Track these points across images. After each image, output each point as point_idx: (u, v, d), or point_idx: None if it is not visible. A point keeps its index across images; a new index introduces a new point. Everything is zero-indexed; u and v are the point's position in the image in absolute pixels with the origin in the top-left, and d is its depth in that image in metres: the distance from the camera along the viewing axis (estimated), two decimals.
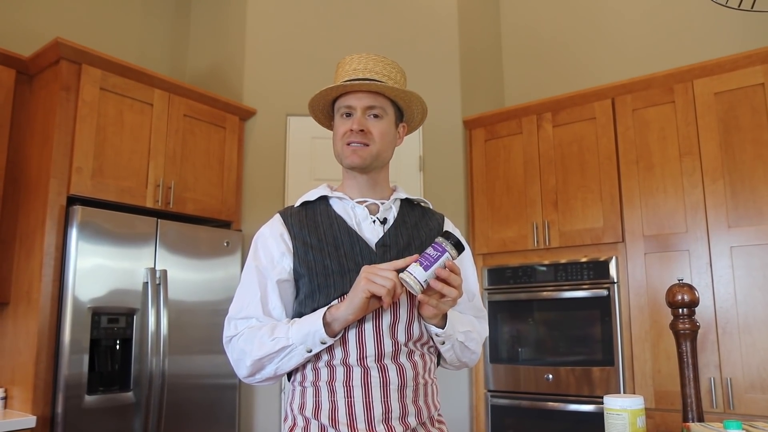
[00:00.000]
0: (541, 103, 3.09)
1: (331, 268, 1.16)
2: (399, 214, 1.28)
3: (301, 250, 1.19)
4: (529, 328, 2.98)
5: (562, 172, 3.00)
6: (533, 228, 3.03)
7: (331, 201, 1.28)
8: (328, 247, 1.19)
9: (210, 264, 2.84)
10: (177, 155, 2.86)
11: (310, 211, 1.26)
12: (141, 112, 2.74)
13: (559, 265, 2.92)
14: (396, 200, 1.30)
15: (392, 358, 1.14)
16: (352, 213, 1.25)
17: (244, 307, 1.18)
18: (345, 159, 1.23)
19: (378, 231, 1.23)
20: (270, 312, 1.17)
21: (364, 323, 1.13)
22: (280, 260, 1.20)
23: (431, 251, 1.07)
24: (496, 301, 3.10)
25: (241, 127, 3.20)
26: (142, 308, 2.53)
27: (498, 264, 3.13)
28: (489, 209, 3.21)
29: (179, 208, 2.82)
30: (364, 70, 1.24)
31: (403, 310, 1.17)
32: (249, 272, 1.21)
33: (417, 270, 1.06)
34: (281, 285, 1.19)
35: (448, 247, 1.07)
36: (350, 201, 1.26)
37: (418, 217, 1.31)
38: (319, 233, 1.21)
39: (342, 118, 1.25)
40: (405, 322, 1.17)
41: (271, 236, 1.22)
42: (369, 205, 1.27)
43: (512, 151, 3.19)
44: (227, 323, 1.20)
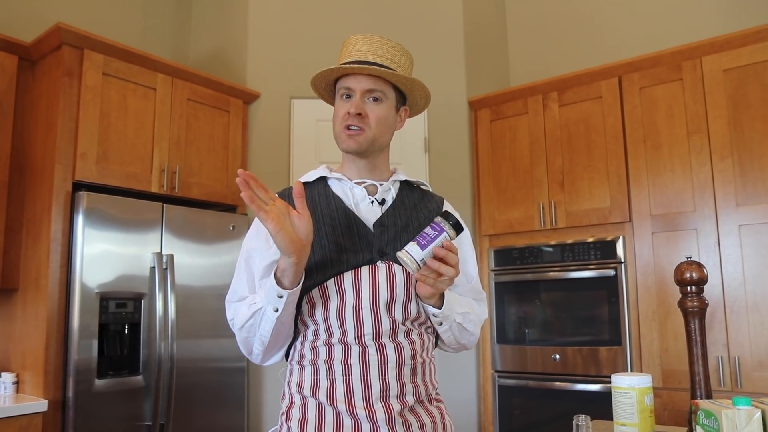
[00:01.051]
0: (547, 82, 3.07)
1: (328, 247, 1.16)
2: (398, 196, 1.28)
3: None
4: (536, 308, 2.98)
5: (569, 151, 2.98)
6: (540, 208, 3.02)
7: (330, 182, 1.28)
8: (325, 226, 1.18)
9: (216, 248, 2.85)
10: (181, 140, 2.86)
11: (307, 191, 1.25)
12: (144, 97, 2.74)
13: (566, 245, 2.92)
14: (395, 182, 1.30)
15: (390, 337, 1.14)
16: (350, 193, 1.25)
17: (237, 290, 1.19)
18: (341, 143, 1.23)
19: (376, 211, 1.23)
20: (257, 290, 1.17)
21: (361, 301, 1.13)
22: None
23: (429, 230, 1.07)
24: (503, 282, 3.10)
25: (245, 110, 3.19)
26: (150, 293, 2.54)
27: (504, 245, 3.13)
28: (495, 190, 3.20)
29: (184, 193, 2.83)
30: (367, 53, 1.22)
31: (400, 288, 1.17)
32: (241, 256, 1.22)
33: (414, 249, 1.06)
34: (274, 266, 1.17)
35: (446, 227, 1.07)
36: (348, 182, 1.25)
37: (417, 199, 1.31)
38: (316, 213, 1.20)
39: (342, 99, 1.24)
40: (402, 301, 1.17)
41: None
42: (367, 186, 1.26)
43: (518, 131, 3.18)
44: (226, 307, 1.22)
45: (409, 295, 1.18)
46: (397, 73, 1.22)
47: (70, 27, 2.49)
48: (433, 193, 1.37)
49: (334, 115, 1.26)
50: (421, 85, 1.26)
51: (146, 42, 3.44)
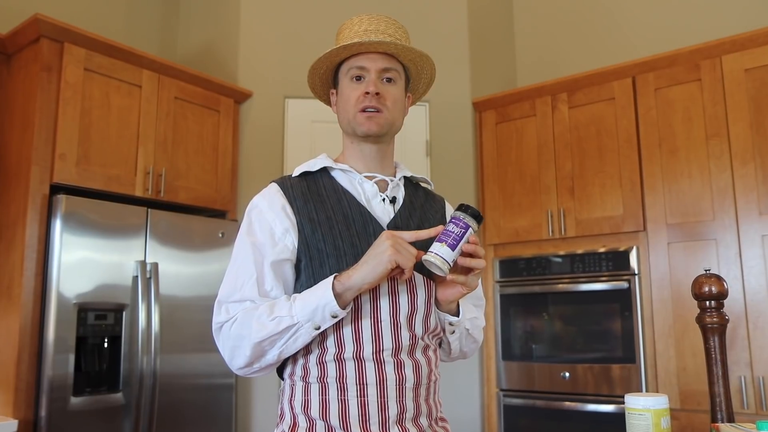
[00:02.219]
0: (556, 82, 3.05)
1: (343, 249, 1.12)
2: (406, 194, 1.27)
3: (307, 228, 1.15)
4: (544, 323, 2.96)
5: (579, 156, 2.96)
6: (548, 216, 3.00)
7: (335, 173, 1.24)
8: (339, 225, 1.15)
9: (204, 256, 2.83)
10: (168, 140, 2.83)
11: (311, 183, 1.22)
12: (129, 95, 2.71)
13: (576, 255, 2.89)
14: (402, 178, 1.28)
15: (409, 353, 1.12)
16: (360, 189, 1.22)
17: (238, 289, 1.13)
18: (359, 126, 1.19)
19: (388, 211, 1.21)
20: (267, 294, 1.12)
21: (380, 313, 1.11)
22: (283, 237, 1.15)
23: (454, 228, 1.06)
24: (509, 295, 3.07)
25: (236, 110, 3.17)
26: (132, 304, 2.51)
27: (510, 255, 3.11)
28: (500, 196, 3.19)
29: (171, 197, 2.80)
30: (376, 32, 1.21)
31: (420, 300, 1.15)
32: (242, 249, 1.15)
33: (443, 249, 1.05)
34: (281, 265, 1.14)
35: (469, 221, 1.07)
36: (357, 175, 1.22)
37: (423, 198, 1.30)
38: (327, 209, 1.17)
39: (352, 81, 1.21)
40: (423, 314, 1.15)
41: (271, 209, 1.17)
42: (378, 182, 1.24)
43: (525, 134, 3.16)
44: (217, 308, 1.15)
45: (430, 306, 1.17)
46: (416, 49, 1.20)
47: (49, 18, 2.44)
48: (435, 193, 1.36)
49: (341, 101, 1.23)
50: (432, 65, 1.26)
51: (131, 36, 3.40)
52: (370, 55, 1.20)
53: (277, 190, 1.21)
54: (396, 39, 1.22)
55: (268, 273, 1.13)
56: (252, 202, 1.21)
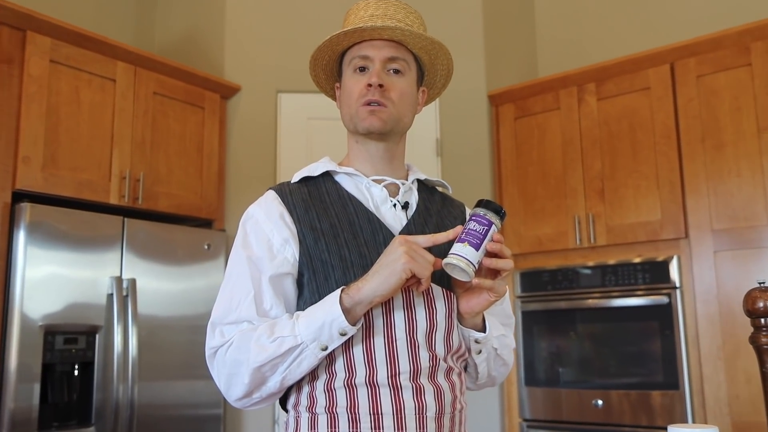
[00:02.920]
0: (583, 71, 3.02)
1: (350, 259, 1.13)
2: (420, 199, 1.27)
3: (309, 238, 1.15)
4: (572, 343, 2.95)
5: (610, 154, 2.95)
6: (575, 222, 2.99)
7: (339, 177, 1.25)
8: (344, 233, 1.16)
9: (188, 271, 2.83)
10: (146, 141, 2.83)
11: (313, 188, 1.23)
12: (101, 90, 2.71)
13: (608, 267, 2.88)
14: (415, 181, 1.29)
15: (429, 377, 1.12)
16: (368, 193, 1.22)
17: (233, 309, 1.13)
18: (361, 122, 1.20)
19: (400, 218, 1.22)
20: (266, 313, 1.13)
21: (395, 331, 1.11)
22: (282, 249, 1.15)
23: (475, 226, 1.07)
24: (531, 312, 3.06)
25: (222, 106, 3.17)
26: (106, 325, 2.51)
27: (533, 266, 3.10)
28: (521, 201, 3.18)
29: (150, 205, 2.80)
30: (384, 17, 1.21)
31: (440, 315, 1.15)
32: (238, 264, 1.16)
33: (466, 250, 1.05)
34: (281, 280, 1.15)
35: (491, 217, 1.07)
36: (363, 178, 1.23)
37: (440, 203, 1.31)
38: (331, 216, 1.18)
39: (355, 73, 1.22)
40: (444, 331, 1.15)
41: (268, 218, 1.17)
42: (387, 186, 1.24)
43: (548, 130, 3.15)
44: (210, 331, 1.15)
45: (451, 322, 1.17)
46: (426, 35, 1.20)
47: (8, 3, 2.43)
48: (453, 198, 1.37)
49: (343, 95, 1.24)
50: (446, 53, 1.25)
51: (103, 24, 3.37)
52: (374, 43, 1.20)
53: (274, 197, 1.21)
54: (406, 25, 1.21)
55: (266, 289, 1.13)
56: (247, 212, 1.21)
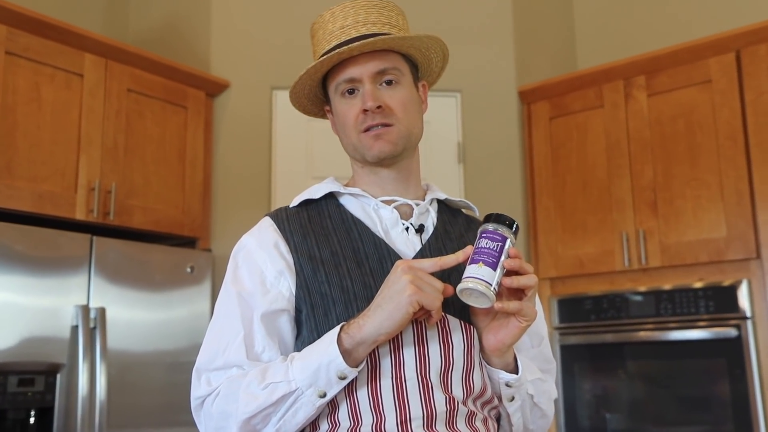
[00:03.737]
0: (631, 62, 2.99)
1: (353, 291, 1.15)
2: (439, 221, 1.29)
3: (307, 268, 1.18)
4: (621, 384, 2.90)
5: (663, 159, 2.90)
6: (623, 240, 2.94)
7: (343, 199, 1.28)
8: (347, 262, 1.18)
9: (167, 298, 2.79)
10: (119, 146, 2.81)
11: (314, 213, 1.26)
12: (66, 87, 2.68)
13: (663, 293, 2.83)
14: (433, 201, 1.31)
15: (448, 423, 1.12)
16: (376, 216, 1.25)
17: (220, 353, 1.16)
18: (368, 150, 1.23)
19: (414, 242, 1.24)
20: (258, 356, 1.15)
21: (404, 370, 1.12)
22: (276, 282, 1.18)
23: (488, 243, 1.09)
24: (572, 346, 3.02)
25: (208, 106, 3.17)
26: (70, 363, 2.47)
27: (573, 293, 3.06)
28: (558, 215, 3.15)
29: (123, 221, 2.77)
30: (356, 25, 1.24)
31: (457, 351, 1.15)
32: (226, 302, 1.20)
33: (482, 271, 1.06)
34: (275, 318, 1.17)
35: (503, 231, 1.10)
36: (372, 199, 1.26)
37: (464, 226, 1.33)
38: (332, 243, 1.21)
39: (344, 98, 1.25)
40: (462, 369, 1.16)
41: (261, 248, 1.21)
42: (399, 206, 1.26)
43: (590, 131, 3.11)
44: (196, 378, 1.18)
45: (471, 360, 1.17)
46: (410, 36, 1.23)
47: None
48: (479, 220, 1.38)
49: (338, 124, 1.27)
50: (438, 42, 1.28)
51: (68, 10, 3.33)
52: (356, 59, 1.22)
53: (269, 224, 1.23)
54: (385, 25, 1.25)
55: (258, 329, 1.15)
56: (239, 243, 1.24)
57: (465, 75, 3.09)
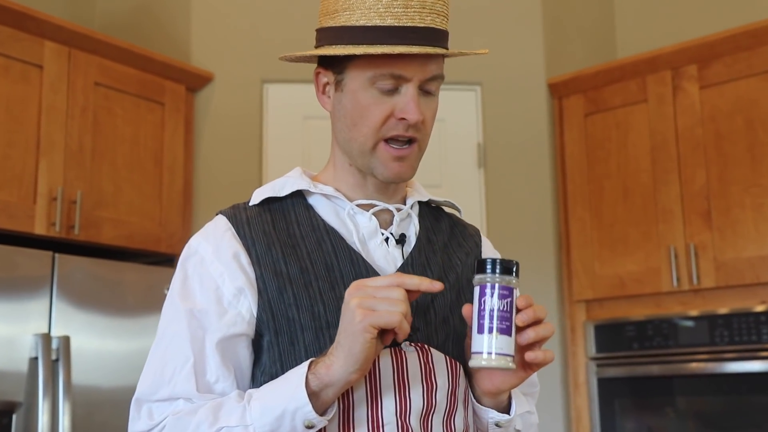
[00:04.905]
0: (680, 49, 2.99)
1: (325, 318, 1.14)
2: (421, 228, 1.29)
3: (272, 286, 1.16)
4: (670, 423, 2.90)
5: (719, 162, 2.90)
6: (670, 257, 2.94)
7: (314, 200, 1.25)
8: (319, 282, 1.17)
9: (141, 325, 2.79)
10: (85, 149, 2.81)
11: (278, 215, 1.23)
12: (23, 79, 2.69)
13: (718, 317, 2.83)
14: (414, 204, 1.31)
15: None
16: (351, 223, 1.23)
17: (166, 382, 1.14)
18: (385, 170, 1.21)
19: (394, 255, 1.23)
20: (210, 388, 1.14)
21: (381, 413, 1.12)
22: (235, 302, 1.16)
23: (496, 303, 1.08)
24: (611, 379, 3.02)
25: (189, 101, 3.18)
26: (28, 401, 2.46)
27: (612, 317, 3.06)
28: (594, 227, 3.15)
29: (90, 236, 2.77)
30: (422, 9, 1.18)
31: (441, 392, 1.16)
32: (174, 320, 1.18)
33: (500, 342, 1.06)
34: (232, 344, 1.16)
35: (507, 281, 1.08)
36: (346, 203, 1.24)
37: (447, 233, 1.33)
38: (301, 257, 1.19)
39: (374, 89, 1.19)
40: (444, 411, 1.16)
41: (217, 258, 1.18)
42: (378, 213, 1.24)
43: (631, 130, 3.11)
44: (135, 409, 1.16)
45: (454, 401, 1.18)
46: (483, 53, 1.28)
47: None
48: (465, 222, 1.40)
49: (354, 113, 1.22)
50: None
51: None
52: (411, 56, 1.18)
53: (226, 227, 1.20)
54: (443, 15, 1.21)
55: (211, 356, 1.14)
56: (188, 246, 1.22)
57: (486, 65, 3.13)
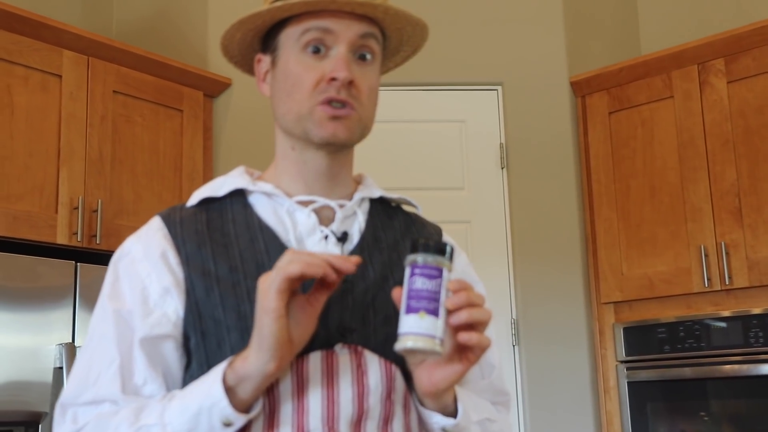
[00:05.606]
0: (707, 43, 2.97)
1: (251, 317, 1.08)
2: (368, 226, 1.26)
3: (199, 286, 1.14)
4: (703, 427, 2.88)
5: (748, 158, 2.89)
6: (701, 256, 2.92)
7: (252, 198, 1.23)
8: (247, 281, 1.14)
9: None
10: (105, 157, 2.82)
11: (214, 215, 1.21)
12: (42, 89, 2.71)
13: (752, 318, 2.80)
14: (363, 200, 1.28)
15: None
16: (289, 221, 1.21)
17: (91, 384, 1.12)
18: (318, 128, 1.18)
19: (333, 253, 1.19)
20: (137, 390, 1.12)
21: (307, 419, 1.09)
22: (161, 302, 1.14)
23: (424, 283, 1.05)
24: (642, 383, 3.00)
25: (207, 107, 3.20)
26: (54, 411, 2.37)
27: (641, 319, 3.04)
28: (620, 227, 3.13)
29: (112, 245, 2.71)
30: None
31: (375, 396, 1.13)
32: (101, 322, 1.16)
33: (425, 323, 1.03)
34: (158, 344, 1.14)
35: (438, 261, 1.06)
36: (285, 200, 1.21)
37: (401, 232, 1.29)
38: (232, 256, 1.17)
39: (304, 53, 1.19)
40: (378, 419, 1.13)
41: (146, 257, 1.17)
42: (318, 209, 1.22)
43: (657, 127, 3.09)
44: (60, 413, 1.14)
45: (391, 406, 1.15)
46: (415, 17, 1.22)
47: None
48: (425, 220, 1.37)
49: (286, 83, 1.21)
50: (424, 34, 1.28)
51: (42, 2, 3.30)
52: (335, 12, 1.17)
53: (158, 227, 1.19)
54: None
55: (138, 357, 1.12)
56: (121, 248, 1.21)
57: (507, 64, 3.12)
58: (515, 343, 3.02)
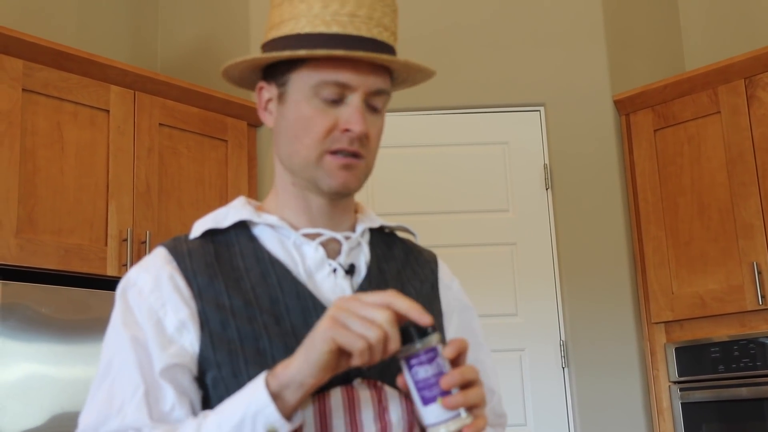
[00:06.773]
0: (753, 57, 2.95)
1: (270, 353, 1.10)
2: (372, 258, 1.26)
3: (214, 319, 1.12)
4: None
5: None
6: (754, 273, 2.89)
7: (258, 231, 1.21)
8: (263, 316, 1.13)
9: None
10: (152, 189, 2.87)
11: (222, 247, 1.20)
12: (91, 124, 2.74)
13: None
14: (365, 232, 1.28)
15: None
16: (298, 255, 1.20)
17: (114, 413, 1.08)
18: (330, 179, 1.18)
19: (343, 287, 1.20)
20: (166, 417, 1.09)
21: None
22: (177, 335, 1.12)
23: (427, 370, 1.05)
24: (696, 403, 2.97)
25: (251, 137, 3.23)
26: None
27: (694, 339, 3.02)
28: (670, 246, 3.11)
29: None
30: (369, 21, 1.18)
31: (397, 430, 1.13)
32: (120, 350, 1.12)
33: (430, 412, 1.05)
34: (180, 374, 1.11)
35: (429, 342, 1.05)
36: (291, 233, 1.21)
37: (401, 261, 1.31)
38: (245, 290, 1.15)
39: (317, 99, 1.17)
40: None
41: (158, 289, 1.14)
42: (325, 242, 1.21)
43: (704, 143, 3.08)
44: None
45: None
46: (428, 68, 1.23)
47: None
48: (421, 247, 1.38)
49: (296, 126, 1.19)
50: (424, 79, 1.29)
51: (88, 39, 3.39)
52: (356, 65, 1.16)
53: (166, 259, 1.16)
54: (390, 33, 1.21)
55: (164, 384, 1.10)
56: (126, 278, 1.18)
57: (549, 85, 3.11)
58: (565, 366, 2.99)
